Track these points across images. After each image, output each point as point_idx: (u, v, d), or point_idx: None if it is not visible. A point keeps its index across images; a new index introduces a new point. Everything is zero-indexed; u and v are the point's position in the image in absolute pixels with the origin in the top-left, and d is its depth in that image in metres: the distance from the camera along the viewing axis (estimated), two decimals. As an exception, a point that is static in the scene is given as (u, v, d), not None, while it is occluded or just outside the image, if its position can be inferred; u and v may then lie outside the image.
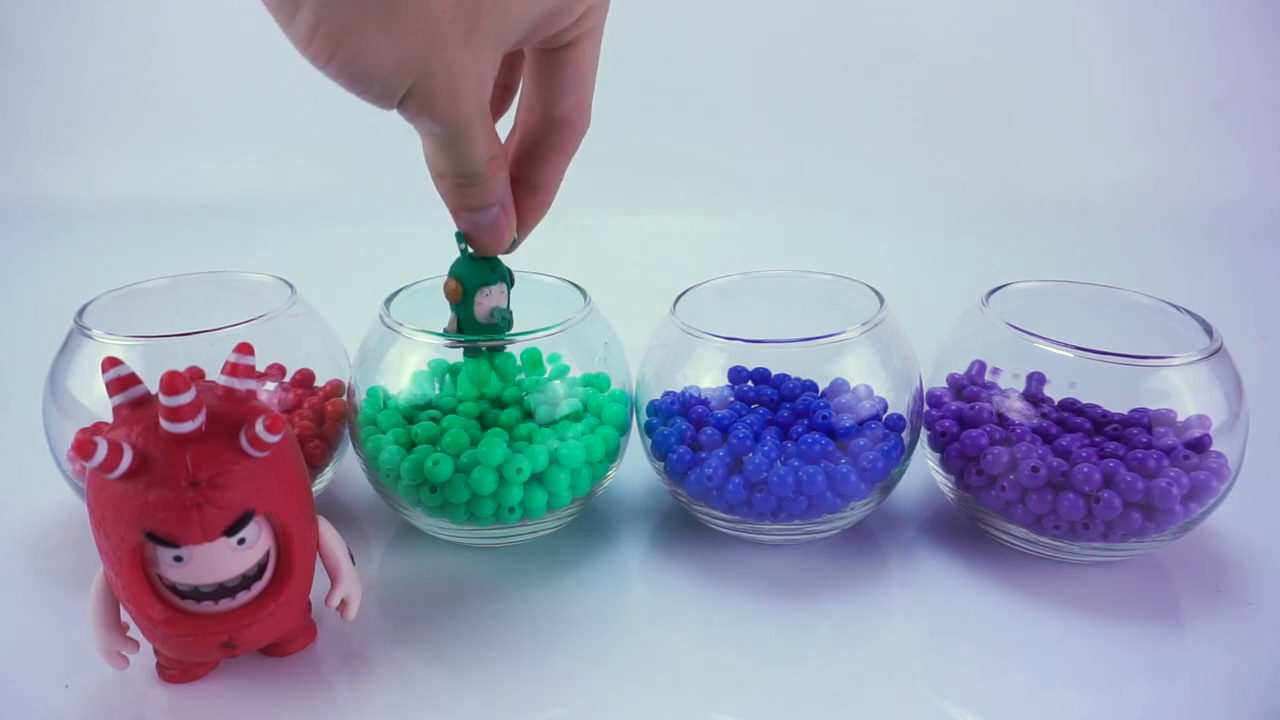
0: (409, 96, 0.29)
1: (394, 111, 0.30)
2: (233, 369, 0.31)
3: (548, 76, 0.33)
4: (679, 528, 0.42)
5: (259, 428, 0.28)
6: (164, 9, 1.03)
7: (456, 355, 0.41)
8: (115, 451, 0.27)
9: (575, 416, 0.39)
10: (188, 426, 0.27)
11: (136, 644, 0.31)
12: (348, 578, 0.33)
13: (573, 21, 0.32)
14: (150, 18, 1.02)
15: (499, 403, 0.40)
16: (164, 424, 0.27)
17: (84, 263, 0.84)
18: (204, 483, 0.27)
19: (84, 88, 1.03)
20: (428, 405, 0.39)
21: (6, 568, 0.39)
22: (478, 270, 0.36)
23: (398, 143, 0.97)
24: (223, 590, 0.30)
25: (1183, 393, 0.37)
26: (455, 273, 0.36)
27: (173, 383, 0.27)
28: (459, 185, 0.33)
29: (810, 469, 0.36)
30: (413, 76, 0.29)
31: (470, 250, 0.35)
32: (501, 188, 0.34)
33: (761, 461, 0.36)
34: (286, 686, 0.32)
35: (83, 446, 0.26)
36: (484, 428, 0.38)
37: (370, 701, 0.32)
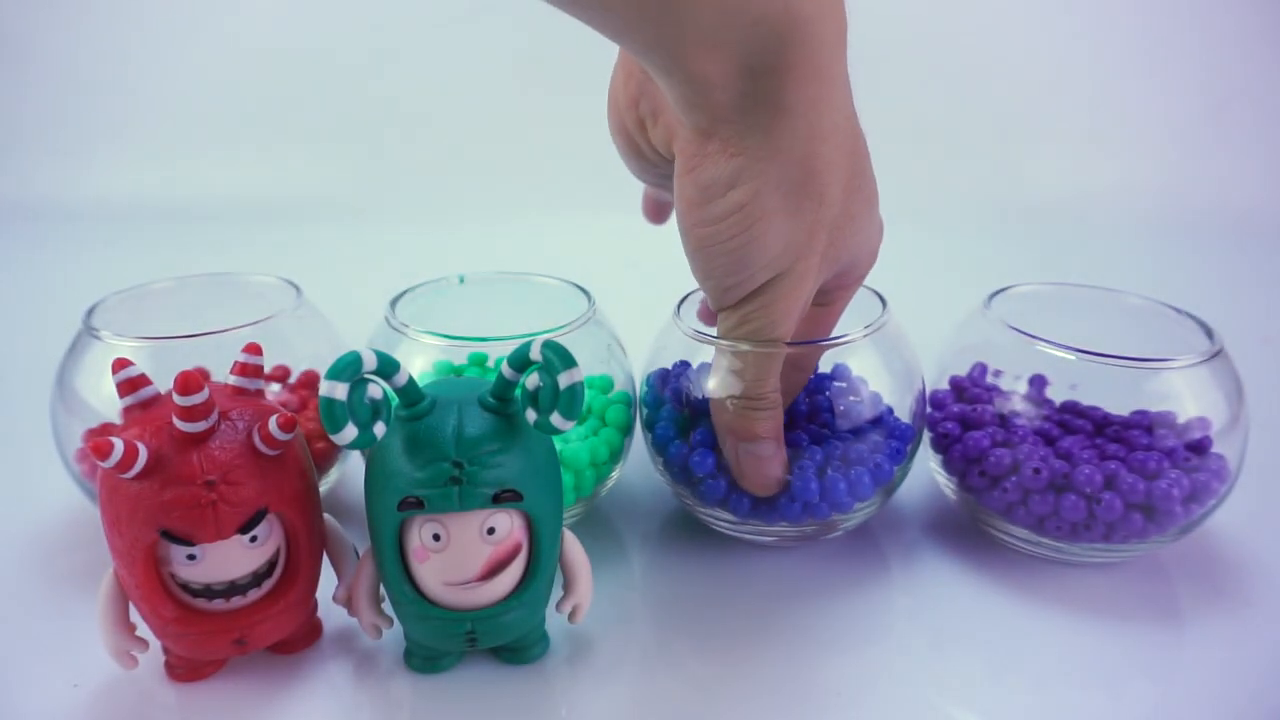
0: (763, 289, 0.29)
1: (724, 307, 0.31)
2: (242, 369, 0.31)
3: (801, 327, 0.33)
4: (682, 529, 0.42)
5: (272, 426, 0.28)
6: (169, 9, 1.03)
7: (462, 356, 0.41)
8: (131, 451, 0.27)
9: (580, 419, 0.39)
10: (202, 425, 0.28)
11: (146, 643, 0.31)
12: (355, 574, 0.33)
13: (851, 280, 0.33)
14: (155, 18, 1.03)
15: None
16: (178, 423, 0.27)
17: (91, 264, 0.84)
18: (218, 481, 0.28)
19: (90, 90, 1.03)
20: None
21: (14, 568, 0.39)
22: None
23: (404, 145, 0.97)
24: (234, 588, 0.30)
25: (1183, 395, 0.37)
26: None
27: (187, 382, 0.27)
28: (746, 408, 0.32)
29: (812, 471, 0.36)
30: (779, 270, 0.28)
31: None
32: (778, 423, 0.33)
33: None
34: (293, 685, 0.33)
35: (99, 446, 0.26)
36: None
37: (376, 701, 0.32)
